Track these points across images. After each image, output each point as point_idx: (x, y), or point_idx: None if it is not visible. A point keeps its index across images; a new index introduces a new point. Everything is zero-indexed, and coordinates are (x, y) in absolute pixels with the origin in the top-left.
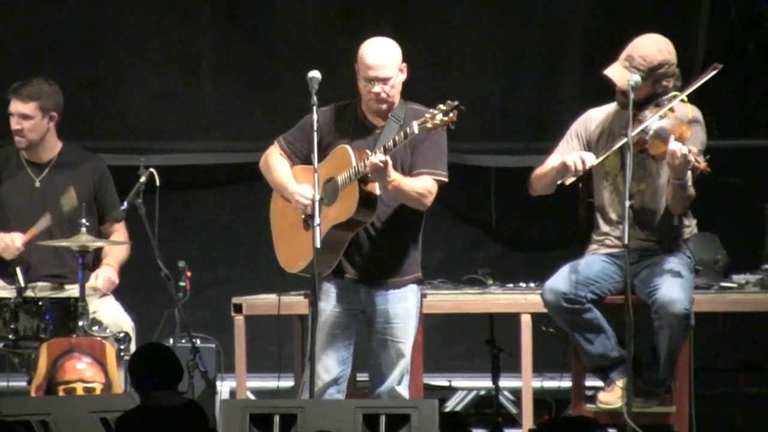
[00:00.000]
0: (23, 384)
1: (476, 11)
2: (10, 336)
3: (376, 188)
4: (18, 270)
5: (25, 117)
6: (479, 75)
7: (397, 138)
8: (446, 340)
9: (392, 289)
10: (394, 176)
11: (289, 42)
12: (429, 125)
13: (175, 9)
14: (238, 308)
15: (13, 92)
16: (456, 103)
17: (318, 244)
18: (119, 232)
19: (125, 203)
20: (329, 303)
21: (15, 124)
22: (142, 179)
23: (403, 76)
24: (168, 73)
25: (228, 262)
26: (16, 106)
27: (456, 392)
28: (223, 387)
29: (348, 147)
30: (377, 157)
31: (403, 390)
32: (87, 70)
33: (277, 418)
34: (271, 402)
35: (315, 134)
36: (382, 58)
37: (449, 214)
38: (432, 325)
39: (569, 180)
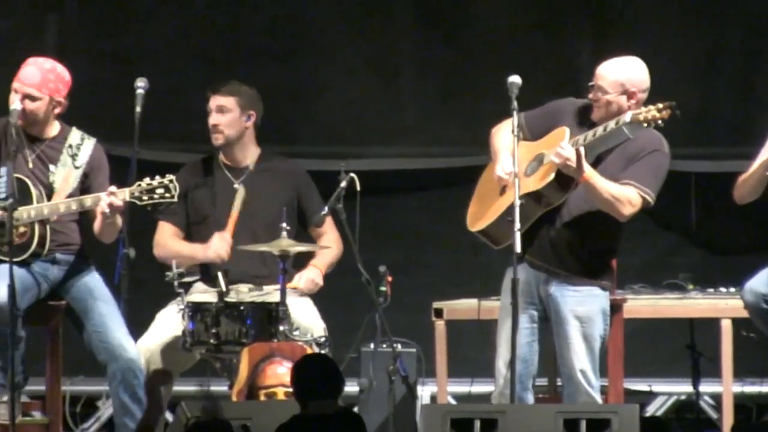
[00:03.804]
0: (224, 388)
1: (673, 15)
2: (212, 341)
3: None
4: (219, 274)
5: (222, 111)
6: (677, 79)
7: (601, 129)
8: (646, 345)
9: (570, 285)
10: (586, 170)
11: (487, 46)
12: (641, 117)
13: (374, 15)
14: (439, 313)
15: (212, 90)
16: (673, 103)
17: (518, 249)
18: (329, 233)
19: (326, 208)
20: (511, 299)
21: (212, 120)
22: (343, 184)
23: (631, 101)
24: (367, 78)
25: (428, 267)
26: (215, 101)
27: (656, 397)
28: (424, 391)
29: (567, 128)
30: (565, 150)
31: (595, 393)
32: (287, 77)
33: (477, 423)
34: (471, 406)
35: (515, 139)
36: (605, 70)
37: (649, 219)
38: (632, 330)
39: None
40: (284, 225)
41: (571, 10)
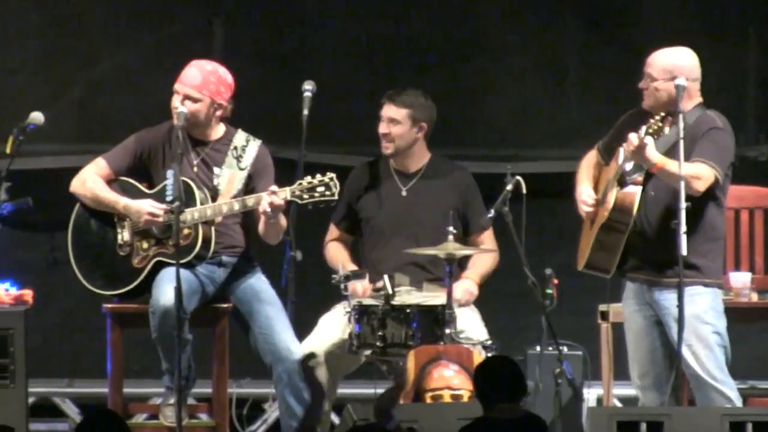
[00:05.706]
0: None
1: None
2: (378, 343)
3: (634, 191)
4: (386, 278)
5: (393, 122)
6: None
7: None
8: None
9: (672, 289)
10: (656, 159)
11: (653, 48)
12: (650, 130)
13: (539, 17)
14: (605, 315)
15: (387, 97)
16: (671, 111)
17: (684, 252)
18: (487, 243)
19: (492, 211)
20: (628, 307)
21: (383, 128)
22: (509, 187)
23: (678, 87)
24: (534, 80)
25: None
26: (388, 111)
27: None
28: (590, 394)
29: (621, 149)
30: (635, 138)
31: (728, 389)
32: (452, 79)
33: (643, 426)
34: (637, 409)
35: (681, 142)
36: (654, 57)
37: None
38: None
39: None
40: (451, 229)
41: (737, 12)
